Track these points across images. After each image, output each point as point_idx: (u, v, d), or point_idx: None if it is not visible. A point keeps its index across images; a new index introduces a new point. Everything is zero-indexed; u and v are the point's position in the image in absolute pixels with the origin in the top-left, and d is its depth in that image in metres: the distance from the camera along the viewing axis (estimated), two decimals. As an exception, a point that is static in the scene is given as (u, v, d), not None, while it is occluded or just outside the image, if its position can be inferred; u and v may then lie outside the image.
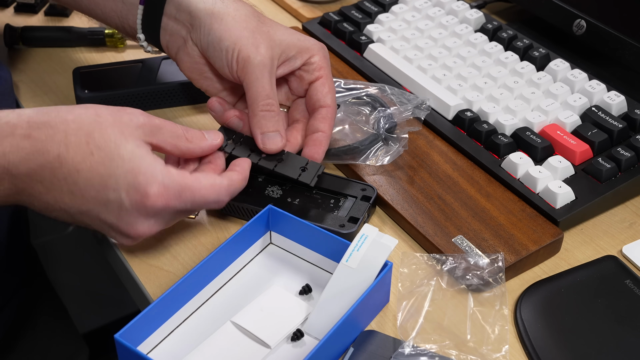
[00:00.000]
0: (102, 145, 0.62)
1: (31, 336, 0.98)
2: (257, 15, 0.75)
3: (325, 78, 0.76)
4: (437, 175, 0.78)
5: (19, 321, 0.96)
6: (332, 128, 0.75)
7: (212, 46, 0.73)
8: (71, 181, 0.63)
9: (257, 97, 0.71)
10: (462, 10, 0.97)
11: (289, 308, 0.66)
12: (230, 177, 0.68)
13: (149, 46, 0.81)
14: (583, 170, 0.77)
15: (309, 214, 0.73)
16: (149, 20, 0.77)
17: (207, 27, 0.73)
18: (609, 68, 0.89)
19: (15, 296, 0.94)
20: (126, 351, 0.59)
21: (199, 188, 0.65)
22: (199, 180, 0.65)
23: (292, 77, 0.77)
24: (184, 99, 0.89)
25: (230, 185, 0.67)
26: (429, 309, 0.66)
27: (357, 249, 0.64)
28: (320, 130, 0.74)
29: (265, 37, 0.73)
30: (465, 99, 0.85)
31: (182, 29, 0.75)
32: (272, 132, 0.72)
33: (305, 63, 0.76)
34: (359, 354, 0.62)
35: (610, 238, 0.74)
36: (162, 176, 0.63)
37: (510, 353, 0.63)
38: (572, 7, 0.91)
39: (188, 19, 0.74)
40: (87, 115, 0.64)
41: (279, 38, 0.74)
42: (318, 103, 0.75)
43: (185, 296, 0.65)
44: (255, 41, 0.72)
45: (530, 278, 0.70)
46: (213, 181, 0.66)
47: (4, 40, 0.98)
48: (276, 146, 0.72)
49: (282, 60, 0.74)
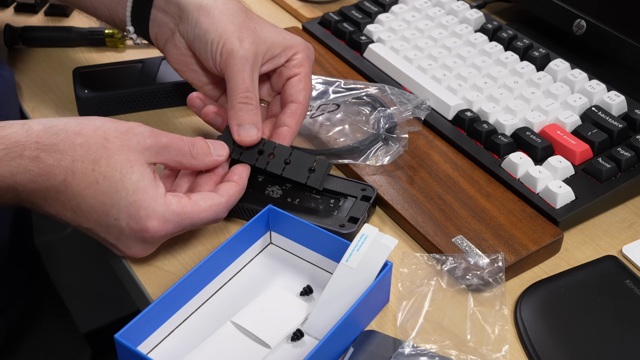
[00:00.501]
0: (107, 174, 0.64)
1: (34, 336, 0.98)
2: (245, 11, 0.76)
3: (302, 75, 0.76)
4: (437, 175, 0.78)
5: (22, 321, 0.97)
6: (299, 125, 0.76)
7: (198, 38, 0.74)
8: (75, 204, 0.65)
9: (236, 90, 0.73)
10: (462, 10, 0.97)
11: (289, 308, 0.66)
12: (228, 193, 0.69)
13: (138, 38, 0.82)
14: (583, 170, 0.77)
15: (309, 213, 0.73)
16: (138, 12, 0.79)
17: (195, 19, 0.74)
18: (609, 68, 0.89)
19: (19, 296, 0.95)
20: (126, 351, 0.59)
21: (197, 212, 0.66)
22: (198, 204, 0.67)
23: (274, 73, 0.78)
24: (183, 99, 0.89)
25: (228, 202, 0.68)
26: (429, 309, 0.66)
27: (357, 249, 0.64)
28: (287, 125, 0.75)
29: (251, 33, 0.74)
30: (465, 99, 0.85)
31: (170, 21, 0.77)
32: (248, 125, 0.72)
33: (288, 60, 0.77)
34: (359, 354, 0.62)
35: (610, 238, 0.74)
36: (163, 210, 0.65)
37: (510, 353, 0.63)
38: (572, 7, 0.91)
39: (177, 12, 0.76)
40: (95, 140, 0.65)
41: (265, 35, 0.75)
42: (290, 98, 0.76)
43: (185, 296, 0.65)
44: (240, 35, 0.73)
45: (530, 278, 0.70)
46: (211, 202, 0.67)
47: (4, 40, 0.98)
48: (251, 138, 0.72)
49: (267, 57, 0.75)
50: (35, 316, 0.99)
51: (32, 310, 0.99)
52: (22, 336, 0.96)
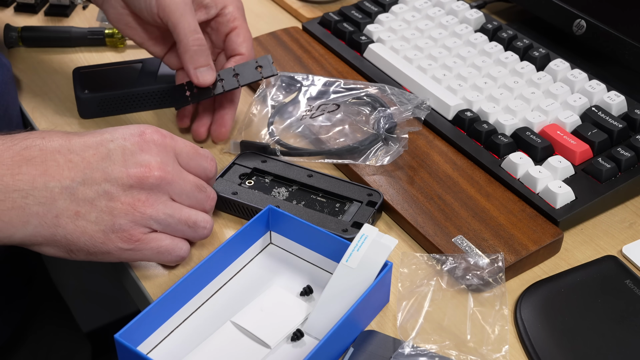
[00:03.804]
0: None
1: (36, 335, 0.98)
2: None
3: (239, 28, 0.80)
4: (437, 175, 0.78)
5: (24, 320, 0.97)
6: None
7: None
8: (65, 151, 0.63)
9: (187, 33, 0.75)
10: (462, 10, 0.97)
11: (289, 308, 0.66)
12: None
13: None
14: (583, 170, 0.77)
15: (313, 216, 0.73)
16: None
17: None
18: (609, 68, 0.89)
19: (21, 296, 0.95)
20: (126, 351, 0.59)
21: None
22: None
23: (211, 30, 0.81)
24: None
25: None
26: (429, 309, 0.66)
27: (357, 249, 0.64)
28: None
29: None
30: (465, 99, 0.85)
31: None
32: (204, 67, 0.77)
33: (219, 14, 0.80)
34: (359, 354, 0.62)
35: (610, 238, 0.74)
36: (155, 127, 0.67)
37: (510, 353, 0.63)
38: (572, 7, 0.91)
39: None
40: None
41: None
42: (233, 52, 0.80)
43: (185, 296, 0.65)
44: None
45: (530, 278, 0.70)
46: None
47: (4, 40, 0.98)
48: (211, 79, 0.78)
49: (196, 5, 0.78)
50: (36, 315, 0.99)
51: (34, 309, 0.99)
52: (24, 334, 0.96)
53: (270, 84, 0.87)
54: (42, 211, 0.62)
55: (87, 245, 0.64)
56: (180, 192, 0.66)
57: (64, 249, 0.64)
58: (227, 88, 0.79)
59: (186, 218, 0.66)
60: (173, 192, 0.65)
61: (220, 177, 0.77)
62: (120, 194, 0.63)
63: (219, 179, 0.77)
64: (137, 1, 0.76)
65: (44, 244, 0.64)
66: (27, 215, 0.61)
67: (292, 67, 0.93)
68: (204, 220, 0.67)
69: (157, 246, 0.65)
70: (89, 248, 0.64)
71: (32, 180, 0.61)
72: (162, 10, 0.75)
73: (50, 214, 0.62)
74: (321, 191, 0.76)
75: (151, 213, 0.64)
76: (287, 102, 0.86)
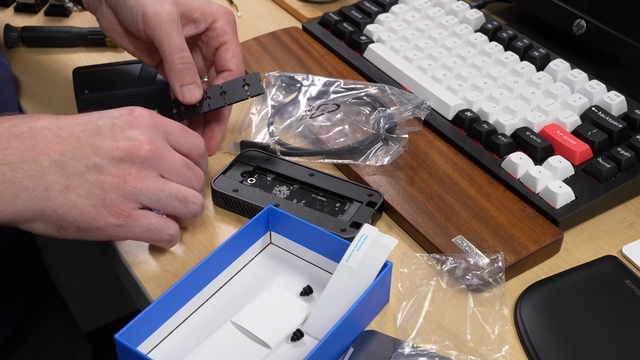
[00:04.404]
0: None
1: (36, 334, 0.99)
2: None
3: (229, 43, 0.79)
4: (437, 175, 0.78)
5: (24, 319, 0.97)
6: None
7: (119, 5, 0.76)
8: (54, 127, 0.63)
9: (172, 51, 0.75)
10: (462, 10, 0.97)
11: (289, 308, 0.66)
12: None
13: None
14: (583, 170, 0.77)
15: (312, 215, 0.73)
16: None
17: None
18: (609, 68, 0.89)
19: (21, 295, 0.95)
20: (126, 351, 0.59)
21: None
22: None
23: (201, 43, 0.80)
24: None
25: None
26: (429, 309, 0.66)
27: (357, 249, 0.64)
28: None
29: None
30: (465, 99, 0.85)
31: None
32: (190, 85, 0.76)
33: (209, 28, 0.79)
34: (359, 354, 0.62)
35: (610, 238, 0.74)
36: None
37: (510, 353, 0.63)
38: (572, 7, 0.91)
39: None
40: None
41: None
42: (222, 68, 0.79)
43: (185, 296, 0.65)
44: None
45: (530, 278, 0.70)
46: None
47: (4, 40, 0.98)
48: (196, 97, 0.76)
49: (185, 20, 0.77)
50: (36, 315, 1.00)
51: (34, 309, 0.99)
52: (24, 334, 0.96)
53: (270, 84, 0.87)
54: (32, 184, 0.62)
55: (77, 220, 0.63)
56: (170, 169, 0.66)
57: (54, 225, 0.64)
58: (213, 107, 0.77)
59: (176, 192, 0.66)
60: (163, 168, 0.66)
61: (222, 174, 0.77)
62: (111, 167, 0.63)
63: (220, 176, 0.77)
64: (125, 15, 0.75)
65: (35, 220, 0.64)
66: (17, 188, 0.61)
67: (292, 67, 0.93)
68: (193, 195, 0.68)
69: (147, 223, 0.66)
70: (79, 223, 0.64)
71: (21, 155, 0.62)
72: (148, 27, 0.74)
73: (40, 187, 0.62)
74: (322, 190, 0.76)
75: (142, 187, 0.64)
76: (287, 102, 0.86)
